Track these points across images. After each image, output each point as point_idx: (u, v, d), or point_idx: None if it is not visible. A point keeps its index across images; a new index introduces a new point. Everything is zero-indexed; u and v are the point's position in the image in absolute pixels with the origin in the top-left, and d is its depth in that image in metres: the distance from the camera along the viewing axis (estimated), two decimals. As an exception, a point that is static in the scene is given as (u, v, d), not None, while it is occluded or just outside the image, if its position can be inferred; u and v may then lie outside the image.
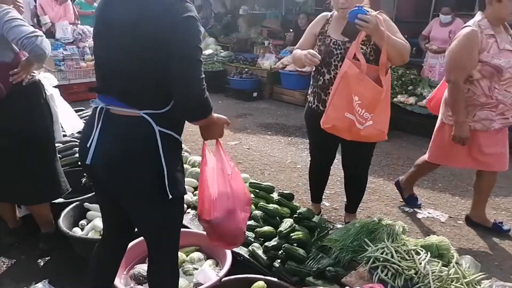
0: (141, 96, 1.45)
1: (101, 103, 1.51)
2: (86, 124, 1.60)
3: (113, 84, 1.48)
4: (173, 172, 1.48)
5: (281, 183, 3.85)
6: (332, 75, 2.46)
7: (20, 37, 2.14)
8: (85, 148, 1.52)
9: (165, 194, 1.46)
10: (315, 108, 2.62)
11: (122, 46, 1.42)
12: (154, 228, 1.61)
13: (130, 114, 1.46)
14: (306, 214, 2.48)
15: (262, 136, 5.27)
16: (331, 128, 2.42)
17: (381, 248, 1.97)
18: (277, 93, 7.24)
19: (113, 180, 1.51)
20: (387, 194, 3.67)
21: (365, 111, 2.30)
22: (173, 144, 1.53)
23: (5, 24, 2.16)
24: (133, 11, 1.39)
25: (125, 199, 1.56)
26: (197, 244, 2.37)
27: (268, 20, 9.57)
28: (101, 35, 1.52)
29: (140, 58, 1.40)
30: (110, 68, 1.49)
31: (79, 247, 2.46)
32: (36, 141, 2.46)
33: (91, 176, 1.66)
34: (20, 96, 2.35)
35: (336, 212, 3.30)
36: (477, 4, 6.35)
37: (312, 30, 2.62)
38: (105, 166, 1.49)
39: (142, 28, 1.37)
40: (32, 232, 2.75)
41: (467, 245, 2.91)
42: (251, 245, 2.30)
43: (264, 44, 8.29)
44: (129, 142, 1.46)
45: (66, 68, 6.09)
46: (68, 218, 2.57)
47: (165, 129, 1.48)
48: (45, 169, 2.53)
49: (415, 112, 5.14)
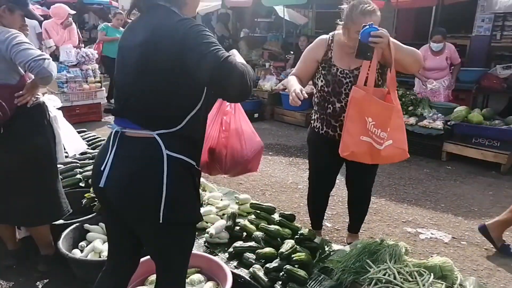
0: (154, 116, 1.47)
1: (117, 126, 1.54)
2: (101, 148, 1.62)
3: (129, 106, 1.51)
4: (175, 197, 1.47)
5: (282, 203, 3.83)
6: (343, 103, 2.42)
7: (28, 60, 2.18)
8: (99, 172, 1.53)
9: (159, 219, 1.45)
10: (323, 133, 2.57)
11: (136, 68, 1.46)
12: (159, 252, 1.61)
13: (143, 135, 1.47)
14: (307, 235, 2.46)
15: (263, 156, 5.26)
16: (350, 155, 2.34)
17: (383, 269, 1.95)
18: (278, 114, 7.29)
19: (122, 203, 1.52)
20: (389, 214, 3.64)
21: (381, 131, 2.25)
22: (183, 168, 1.52)
23: (13, 47, 2.20)
24: (147, 34, 1.44)
25: (132, 221, 1.57)
26: (197, 266, 2.35)
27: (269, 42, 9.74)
28: (120, 60, 1.58)
29: (154, 78, 1.44)
30: (126, 91, 1.52)
31: (78, 269, 2.43)
32: (38, 162, 2.47)
33: (103, 199, 1.63)
34: (24, 117, 2.37)
35: (338, 233, 3.27)
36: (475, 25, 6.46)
37: (313, 56, 2.53)
38: (116, 188, 1.50)
39: (153, 48, 1.41)
40: (30, 254, 2.73)
41: (471, 266, 2.87)
42: (252, 266, 2.27)
43: (265, 66, 8.41)
44: (137, 164, 1.47)
45: (69, 90, 6.17)
46: (67, 240, 2.55)
47: (176, 153, 1.47)
48: (47, 190, 2.53)
49: (415, 133, 5.15)
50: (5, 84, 2.28)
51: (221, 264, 2.27)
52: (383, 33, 2.12)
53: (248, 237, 2.56)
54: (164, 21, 1.44)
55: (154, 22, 1.46)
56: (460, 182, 4.41)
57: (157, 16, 1.48)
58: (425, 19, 7.98)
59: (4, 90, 2.27)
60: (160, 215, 1.45)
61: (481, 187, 4.29)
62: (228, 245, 2.51)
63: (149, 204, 1.46)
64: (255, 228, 2.58)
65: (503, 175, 4.61)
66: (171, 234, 1.55)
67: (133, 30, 1.55)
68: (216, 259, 2.33)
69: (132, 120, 1.50)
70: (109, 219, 1.73)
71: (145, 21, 1.51)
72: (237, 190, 3.64)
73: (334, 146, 2.46)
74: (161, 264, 1.64)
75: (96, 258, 2.44)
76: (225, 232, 2.60)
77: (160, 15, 1.47)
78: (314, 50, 2.54)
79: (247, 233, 2.59)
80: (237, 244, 2.45)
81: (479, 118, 4.88)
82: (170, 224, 1.48)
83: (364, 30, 2.13)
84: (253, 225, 2.62)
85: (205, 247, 2.53)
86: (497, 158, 4.68)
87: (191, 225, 1.63)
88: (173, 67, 1.39)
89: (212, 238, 2.54)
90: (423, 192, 4.17)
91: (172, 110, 1.47)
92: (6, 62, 2.25)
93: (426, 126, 5.12)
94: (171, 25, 1.41)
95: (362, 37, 2.13)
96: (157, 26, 1.44)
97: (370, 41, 2.11)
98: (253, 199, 3.05)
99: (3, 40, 2.21)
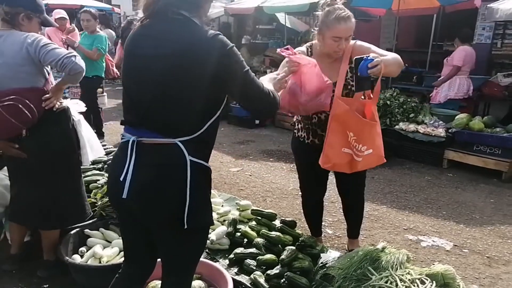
0: (176, 124, 1.48)
1: (132, 136, 1.51)
2: (116, 159, 1.60)
3: (148, 116, 1.49)
4: (196, 204, 1.49)
5: (283, 210, 3.82)
6: (328, 113, 2.40)
7: (60, 58, 2.25)
8: (117, 182, 1.50)
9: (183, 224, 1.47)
10: (309, 143, 2.56)
11: (162, 78, 1.44)
12: (175, 256, 1.62)
13: (164, 142, 1.47)
14: (308, 242, 2.45)
15: (264, 162, 5.27)
16: (331, 167, 2.41)
17: (385, 276, 1.94)
18: (279, 120, 7.29)
19: (147, 211, 1.52)
20: (390, 221, 3.63)
21: (361, 145, 2.33)
22: (202, 174, 1.54)
23: (42, 49, 2.26)
24: (175, 45, 1.43)
25: (154, 227, 1.58)
26: (198, 272, 2.33)
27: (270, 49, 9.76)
28: (133, 68, 1.54)
29: (180, 89, 1.44)
30: (145, 100, 1.49)
31: (79, 275, 2.42)
32: (65, 166, 2.52)
33: (124, 209, 1.63)
34: (50, 122, 2.40)
35: (339, 240, 3.26)
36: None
37: None
38: (141, 197, 1.49)
39: (185, 60, 1.41)
40: (30, 259, 2.72)
41: (473, 274, 2.85)
42: (252, 273, 2.26)
43: (267, 73, 8.42)
44: (161, 171, 1.48)
45: (70, 95, 6.16)
46: (68, 245, 2.54)
47: (196, 159, 1.49)
48: (73, 193, 2.59)
49: (417, 140, 5.15)
50: (33, 87, 2.32)
51: (221, 270, 2.26)
52: (377, 60, 2.09)
53: (249, 244, 2.55)
54: (194, 34, 1.45)
55: (180, 33, 1.45)
56: (461, 190, 4.40)
57: (182, 27, 1.46)
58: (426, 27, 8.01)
59: (33, 93, 2.31)
60: (185, 221, 1.47)
61: (482, 195, 4.28)
62: (229, 251, 2.50)
63: (174, 211, 1.48)
64: (256, 235, 2.58)
65: (504, 183, 4.59)
66: (191, 238, 1.57)
67: (150, 39, 1.50)
68: (217, 266, 2.32)
69: (151, 129, 1.48)
70: (126, 225, 1.73)
71: (166, 30, 1.48)
72: (238, 196, 3.63)
73: (319, 153, 2.47)
74: (173, 268, 1.64)
75: (96, 263, 2.43)
76: (226, 238, 2.59)
77: (185, 26, 1.47)
78: None
79: (248, 239, 2.58)
80: (238, 250, 2.45)
81: (480, 126, 4.88)
82: (192, 229, 1.50)
83: (361, 66, 2.10)
84: (254, 231, 2.61)
85: (205, 253, 2.52)
86: (499, 166, 4.67)
87: (208, 229, 1.66)
88: (206, 81, 1.42)
89: (213, 244, 2.53)
90: (425, 199, 4.15)
91: (194, 118, 1.48)
92: (34, 64, 2.30)
93: (428, 133, 5.12)
94: (205, 39, 1.43)
95: (361, 72, 2.10)
96: (187, 39, 1.44)
97: (370, 73, 2.10)
98: (254, 206, 3.05)
99: (31, 43, 2.26)
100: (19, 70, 2.27)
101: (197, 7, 1.53)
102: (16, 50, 2.26)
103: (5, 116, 2.22)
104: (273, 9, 8.11)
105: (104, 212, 2.79)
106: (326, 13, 2.31)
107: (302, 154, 2.71)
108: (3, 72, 2.26)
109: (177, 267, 1.64)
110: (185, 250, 1.61)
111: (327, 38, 2.33)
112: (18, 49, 2.26)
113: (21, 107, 2.24)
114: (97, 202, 2.85)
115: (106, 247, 2.58)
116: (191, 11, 1.50)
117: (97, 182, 3.14)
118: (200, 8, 1.54)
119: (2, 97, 2.22)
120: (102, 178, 3.17)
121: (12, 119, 2.24)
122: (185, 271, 1.66)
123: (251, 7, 8.16)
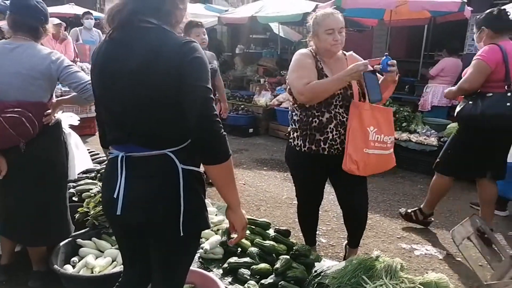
0: (163, 138, 1.45)
1: (120, 152, 1.48)
2: (107, 176, 1.58)
3: (130, 131, 1.46)
4: (192, 209, 1.49)
5: (277, 219, 3.81)
6: (332, 113, 2.43)
7: (83, 82, 2.29)
8: (111, 199, 1.48)
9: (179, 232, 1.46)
10: (305, 150, 2.51)
11: (137, 95, 1.39)
12: (169, 263, 1.60)
13: (154, 154, 1.45)
14: (302, 251, 2.45)
15: (258, 171, 5.27)
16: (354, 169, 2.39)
17: (379, 285, 1.94)
18: (273, 129, 7.31)
19: (143, 223, 1.51)
20: (384, 230, 3.64)
21: (384, 136, 2.43)
22: (195, 179, 1.52)
23: (65, 69, 2.30)
24: (143, 59, 1.37)
25: (150, 237, 1.57)
26: (191, 282, 2.32)
27: (263, 58, 9.83)
28: (108, 87, 1.47)
29: (156, 103, 1.40)
30: (128, 119, 1.45)
31: (70, 285, 2.39)
32: (52, 181, 2.49)
33: (121, 225, 1.61)
34: (44, 135, 2.38)
35: (333, 249, 3.26)
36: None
37: (311, 65, 2.44)
38: (136, 211, 1.47)
39: (154, 75, 1.36)
40: (21, 269, 2.68)
41: (467, 282, 2.86)
42: (246, 282, 2.25)
43: (260, 82, 8.47)
44: (154, 182, 1.46)
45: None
46: (59, 255, 2.51)
47: (187, 166, 1.48)
48: (58, 209, 2.55)
49: (409, 148, 5.19)
50: (38, 102, 2.31)
51: (215, 280, 2.25)
52: (394, 62, 2.32)
53: (243, 253, 2.54)
54: (164, 41, 1.38)
55: (149, 41, 1.38)
56: (453, 199, 4.43)
57: (151, 35, 1.40)
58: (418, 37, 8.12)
59: (37, 107, 2.30)
60: (181, 228, 1.46)
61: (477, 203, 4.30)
62: (223, 260, 2.49)
63: (170, 220, 1.47)
64: (250, 244, 2.57)
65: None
66: (186, 244, 1.57)
67: (120, 53, 1.42)
68: (211, 275, 2.31)
69: (139, 144, 1.45)
70: (123, 240, 1.71)
71: (135, 40, 1.40)
72: (232, 205, 3.62)
73: (316, 160, 2.51)
74: (165, 276, 1.62)
75: (88, 273, 2.40)
76: (219, 247, 2.58)
77: (153, 34, 1.40)
78: (309, 60, 2.46)
79: (242, 248, 2.57)
80: (232, 259, 2.44)
81: (472, 135, 4.93)
82: (188, 236, 1.49)
83: (383, 62, 2.32)
84: (248, 240, 2.60)
85: (199, 262, 2.51)
86: (491, 175, 4.70)
87: (200, 233, 1.65)
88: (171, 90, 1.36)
89: (207, 253, 2.52)
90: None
91: (180, 128, 1.44)
92: (49, 81, 2.31)
93: (420, 142, 5.16)
94: (176, 46, 1.37)
95: (382, 68, 2.33)
96: (157, 47, 1.37)
97: (390, 71, 2.32)
98: (248, 214, 3.03)
99: (55, 61, 2.29)
100: (31, 83, 2.26)
101: (167, 14, 1.44)
102: (36, 62, 2.25)
103: (6, 127, 2.20)
104: (267, 19, 8.18)
105: (96, 221, 2.76)
106: (315, 16, 2.48)
107: (297, 163, 2.68)
108: (14, 82, 2.24)
109: (171, 275, 1.63)
110: (179, 256, 1.60)
111: (321, 34, 2.42)
112: (39, 63, 2.26)
113: (24, 121, 2.22)
114: (90, 212, 2.82)
115: (99, 257, 2.55)
116: (160, 18, 1.43)
117: (89, 191, 3.11)
118: (171, 15, 1.46)
119: (7, 108, 2.20)
120: (95, 187, 3.15)
121: (12, 131, 2.21)
122: (178, 277, 1.65)
123: (245, 17, 8.22)
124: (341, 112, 2.45)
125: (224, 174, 1.44)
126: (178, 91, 1.36)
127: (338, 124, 2.45)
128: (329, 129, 2.45)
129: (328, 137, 2.46)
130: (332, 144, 2.47)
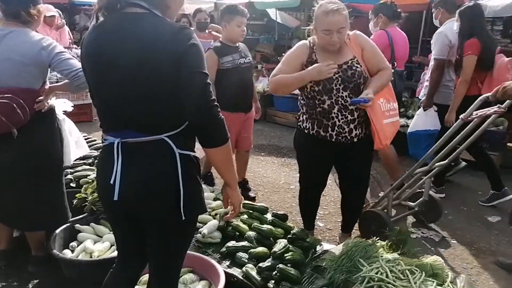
0: (157, 123, 1.44)
1: (116, 139, 1.47)
2: (102, 162, 1.58)
3: (127, 119, 1.45)
4: (191, 193, 1.50)
5: (275, 204, 3.83)
6: (333, 99, 2.41)
7: (74, 69, 2.24)
8: (107, 185, 1.47)
9: (180, 217, 1.47)
10: (314, 133, 2.54)
11: (133, 83, 1.39)
12: (167, 248, 1.61)
13: (151, 139, 1.45)
14: (300, 235, 2.47)
15: (255, 157, 5.27)
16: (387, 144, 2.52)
17: (375, 268, 1.96)
18: (270, 115, 7.29)
19: (141, 209, 1.51)
20: (380, 215, 3.66)
21: (392, 103, 2.58)
22: (192, 164, 1.53)
23: (56, 55, 2.26)
24: (139, 47, 1.36)
25: (149, 223, 1.57)
26: (190, 265, 2.34)
27: (261, 44, 9.75)
28: (104, 80, 1.45)
29: (153, 91, 1.39)
30: (121, 106, 1.44)
31: (69, 270, 2.41)
32: (48, 168, 2.49)
33: (117, 211, 1.62)
34: (38, 122, 2.37)
35: (330, 233, 3.28)
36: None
37: (298, 60, 2.48)
38: (133, 196, 1.48)
39: (151, 66, 1.36)
40: (21, 254, 2.69)
41: (461, 264, 2.90)
42: (244, 266, 2.27)
43: (258, 68, 8.42)
44: (152, 167, 1.46)
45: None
46: (58, 240, 2.52)
47: (185, 151, 1.48)
48: (55, 196, 2.55)
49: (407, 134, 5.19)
50: (30, 88, 2.29)
51: (213, 263, 2.27)
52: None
53: (241, 237, 2.56)
54: (157, 28, 1.37)
55: (142, 29, 1.37)
56: (449, 183, 4.45)
57: (143, 22, 1.39)
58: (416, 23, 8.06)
59: (29, 94, 2.28)
60: (182, 213, 1.46)
61: (471, 187, 4.33)
62: (221, 245, 2.51)
63: (170, 205, 1.47)
64: (248, 228, 2.59)
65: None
66: (184, 228, 1.58)
67: (111, 41, 1.40)
68: (209, 259, 2.33)
69: (135, 130, 1.45)
70: (119, 227, 1.71)
71: (126, 27, 1.39)
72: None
73: (324, 146, 2.52)
74: (163, 261, 1.63)
75: (87, 258, 2.42)
76: (217, 232, 2.60)
77: (148, 21, 1.39)
78: (298, 54, 2.50)
79: (240, 233, 2.59)
80: (230, 243, 2.46)
81: (469, 120, 4.93)
82: (187, 220, 1.50)
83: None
84: (245, 225, 2.62)
85: (197, 247, 2.52)
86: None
87: (197, 217, 1.67)
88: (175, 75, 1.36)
89: (205, 238, 2.53)
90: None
91: (176, 113, 1.43)
92: (40, 67, 2.29)
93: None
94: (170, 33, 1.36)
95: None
96: (151, 35, 1.36)
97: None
98: (245, 199, 3.05)
99: (46, 46, 2.26)
100: (22, 69, 2.24)
101: None
102: (27, 49, 2.23)
103: None
104: (264, 5, 8.10)
105: (94, 207, 2.77)
106: (319, 6, 2.37)
107: (305, 146, 2.67)
108: (6, 68, 2.22)
109: (168, 259, 1.64)
110: (177, 241, 1.61)
111: (319, 32, 2.38)
112: (30, 49, 2.23)
113: (15, 107, 2.20)
114: (88, 197, 2.83)
115: (97, 242, 2.57)
116: (150, 2, 1.42)
117: (87, 177, 3.12)
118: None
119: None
120: (93, 173, 3.15)
121: (3, 118, 2.19)
122: (176, 262, 1.67)
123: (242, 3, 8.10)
124: (344, 96, 2.41)
125: (223, 155, 1.49)
126: (176, 80, 1.36)
127: (342, 109, 2.43)
128: (334, 114, 2.44)
129: (335, 123, 2.45)
130: (340, 132, 2.46)
